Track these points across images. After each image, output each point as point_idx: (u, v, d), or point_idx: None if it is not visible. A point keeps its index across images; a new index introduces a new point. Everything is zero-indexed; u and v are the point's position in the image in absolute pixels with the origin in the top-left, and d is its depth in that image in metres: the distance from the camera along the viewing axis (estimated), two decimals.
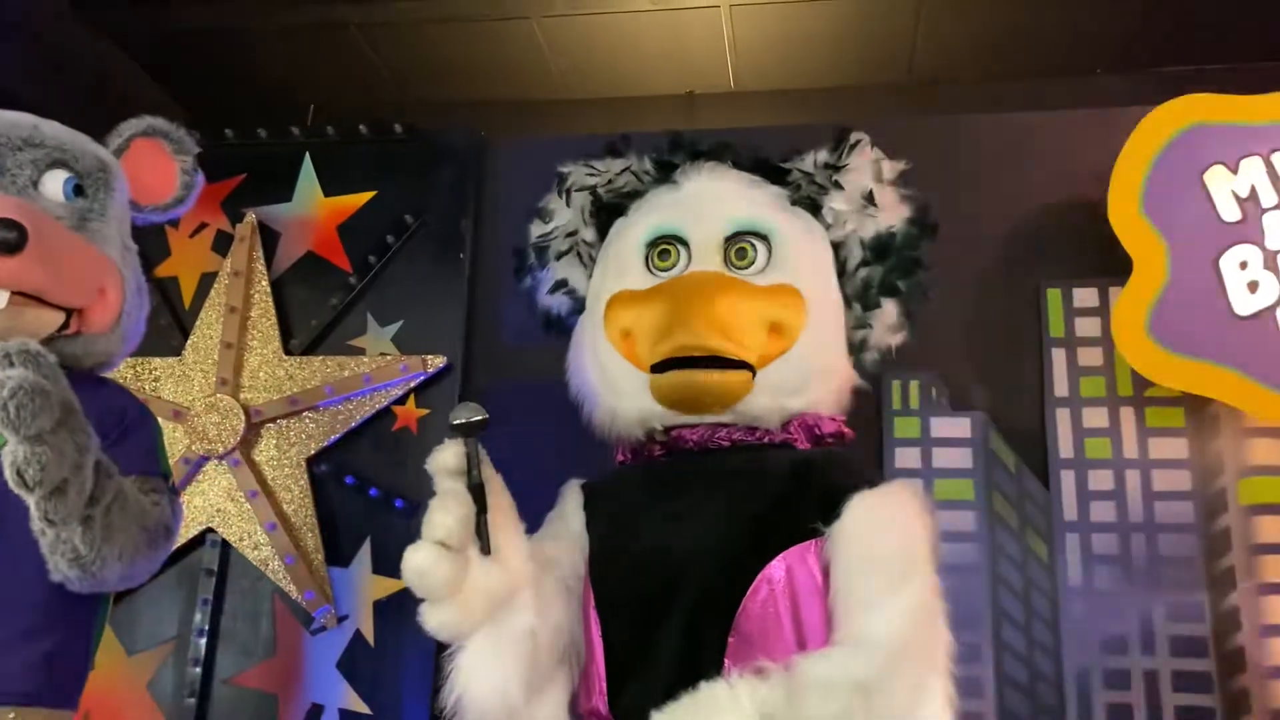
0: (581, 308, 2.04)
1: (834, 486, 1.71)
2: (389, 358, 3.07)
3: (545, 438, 2.36)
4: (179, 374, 3.11)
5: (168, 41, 3.65)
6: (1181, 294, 2.67)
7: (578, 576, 1.82)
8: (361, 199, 3.27)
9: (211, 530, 3.00)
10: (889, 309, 1.94)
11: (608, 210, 2.03)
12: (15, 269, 1.74)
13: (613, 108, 3.84)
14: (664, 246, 1.92)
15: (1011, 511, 2.78)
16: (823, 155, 1.95)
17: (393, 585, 2.88)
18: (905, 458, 2.84)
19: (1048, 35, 3.49)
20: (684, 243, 1.91)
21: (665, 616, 1.67)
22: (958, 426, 2.84)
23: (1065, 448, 2.80)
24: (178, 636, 2.97)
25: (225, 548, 3.00)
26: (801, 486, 1.73)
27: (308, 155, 3.32)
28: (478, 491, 1.62)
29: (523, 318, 2.24)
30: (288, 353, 3.11)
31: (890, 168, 1.95)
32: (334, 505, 3.02)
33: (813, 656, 1.57)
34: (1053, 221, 2.96)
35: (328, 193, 3.29)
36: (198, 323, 3.15)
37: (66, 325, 1.86)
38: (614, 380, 1.89)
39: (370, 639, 2.91)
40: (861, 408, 2.02)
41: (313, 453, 3.02)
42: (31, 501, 1.59)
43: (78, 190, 1.92)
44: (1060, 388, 2.85)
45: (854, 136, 1.95)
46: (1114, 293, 2.78)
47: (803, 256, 1.89)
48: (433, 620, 1.61)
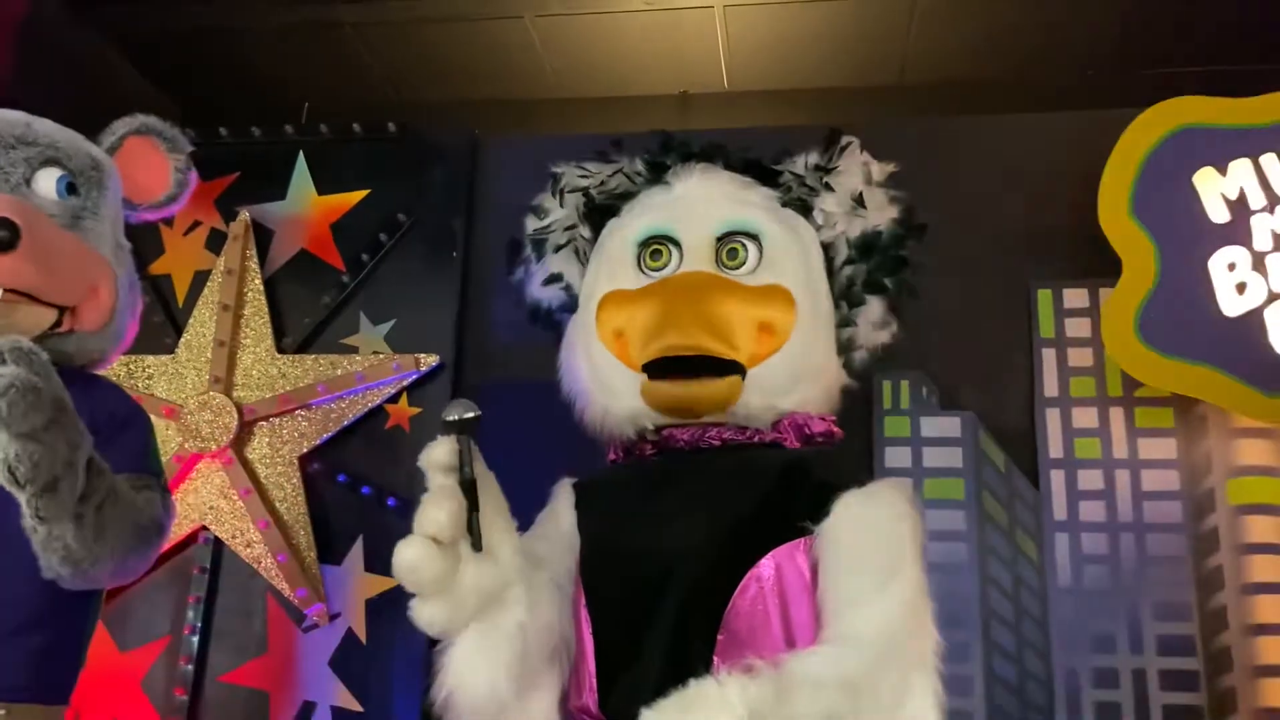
0: (573, 304, 2.04)
1: (823, 485, 1.71)
2: (381, 356, 3.08)
3: (537, 436, 2.36)
4: (172, 372, 3.11)
5: (162, 39, 3.65)
6: (1170, 295, 2.69)
7: (568, 575, 1.82)
8: (355, 197, 3.28)
9: (204, 528, 3.00)
10: (874, 307, 1.95)
11: (600, 211, 2.04)
12: (8, 267, 1.75)
13: (606, 107, 3.84)
14: (655, 247, 1.92)
15: (1001, 511, 2.80)
16: (813, 157, 1.96)
17: (385, 583, 2.89)
18: (896, 457, 2.85)
19: (1039, 38, 3.50)
20: (675, 243, 1.91)
21: (655, 614, 1.68)
22: (948, 426, 2.86)
23: (1055, 447, 2.82)
24: (170, 634, 2.97)
25: (218, 545, 3.01)
26: (791, 485, 1.73)
27: (301, 154, 3.33)
28: (470, 488, 1.62)
29: (515, 316, 2.24)
30: (280, 351, 3.12)
31: (879, 170, 1.96)
32: (326, 503, 3.02)
33: (801, 654, 1.57)
34: (1043, 222, 2.98)
35: (321, 191, 3.30)
36: (191, 320, 3.16)
37: (59, 323, 1.86)
38: (606, 380, 1.90)
39: (362, 637, 2.91)
40: (852, 407, 2.02)
41: (305, 451, 3.03)
42: (23, 499, 1.59)
43: (70, 188, 1.92)
44: (1050, 388, 2.87)
45: (844, 139, 1.96)
46: (1104, 293, 2.81)
47: (793, 257, 1.90)
48: (423, 615, 1.61)
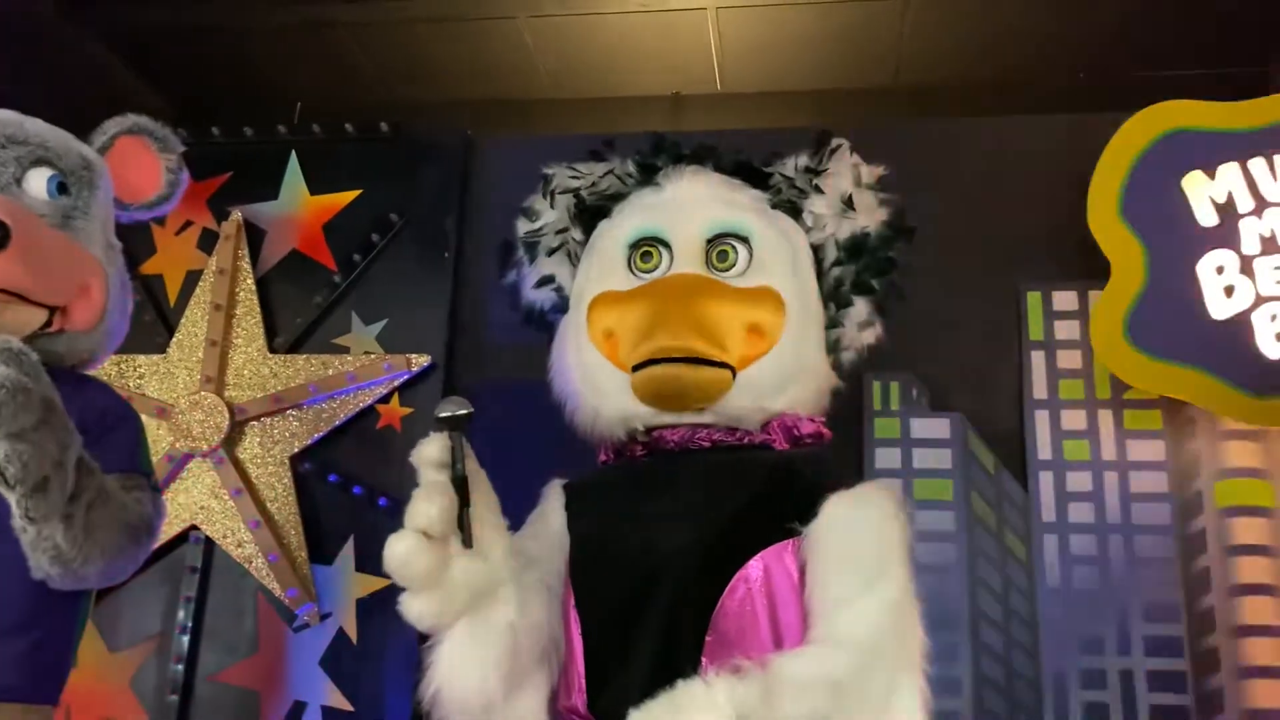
0: (565, 305, 2.05)
1: (811, 487, 1.72)
2: (373, 356, 3.08)
3: (528, 436, 2.37)
4: (163, 371, 3.11)
5: (154, 39, 3.64)
6: (1159, 298, 2.70)
7: (558, 575, 1.83)
8: (347, 197, 3.28)
9: (195, 528, 3.00)
10: (861, 308, 1.96)
11: (591, 212, 2.04)
12: None
13: (599, 108, 3.84)
14: (646, 248, 1.93)
15: (990, 512, 2.81)
16: (803, 159, 1.97)
17: (376, 583, 2.89)
18: (885, 458, 2.86)
19: (1031, 41, 3.51)
20: (666, 244, 1.92)
21: (644, 615, 1.68)
22: (937, 427, 2.87)
23: (1044, 449, 2.83)
24: (160, 633, 2.98)
25: (208, 545, 3.01)
26: (779, 487, 1.74)
27: (294, 153, 3.33)
28: (461, 485, 1.62)
29: (507, 317, 2.24)
30: (272, 351, 3.12)
31: (869, 172, 1.97)
32: (317, 503, 3.03)
33: (788, 655, 1.58)
34: (1033, 225, 2.99)
35: (313, 191, 3.30)
36: (182, 320, 3.16)
37: (49, 323, 1.86)
38: (596, 380, 1.90)
39: (353, 636, 2.91)
40: (842, 408, 2.03)
41: (296, 451, 3.03)
42: (13, 499, 1.59)
43: (61, 188, 1.92)
44: (1039, 390, 2.88)
45: (834, 141, 1.97)
46: (1093, 296, 2.82)
47: (783, 259, 1.90)
48: (412, 609, 1.61)
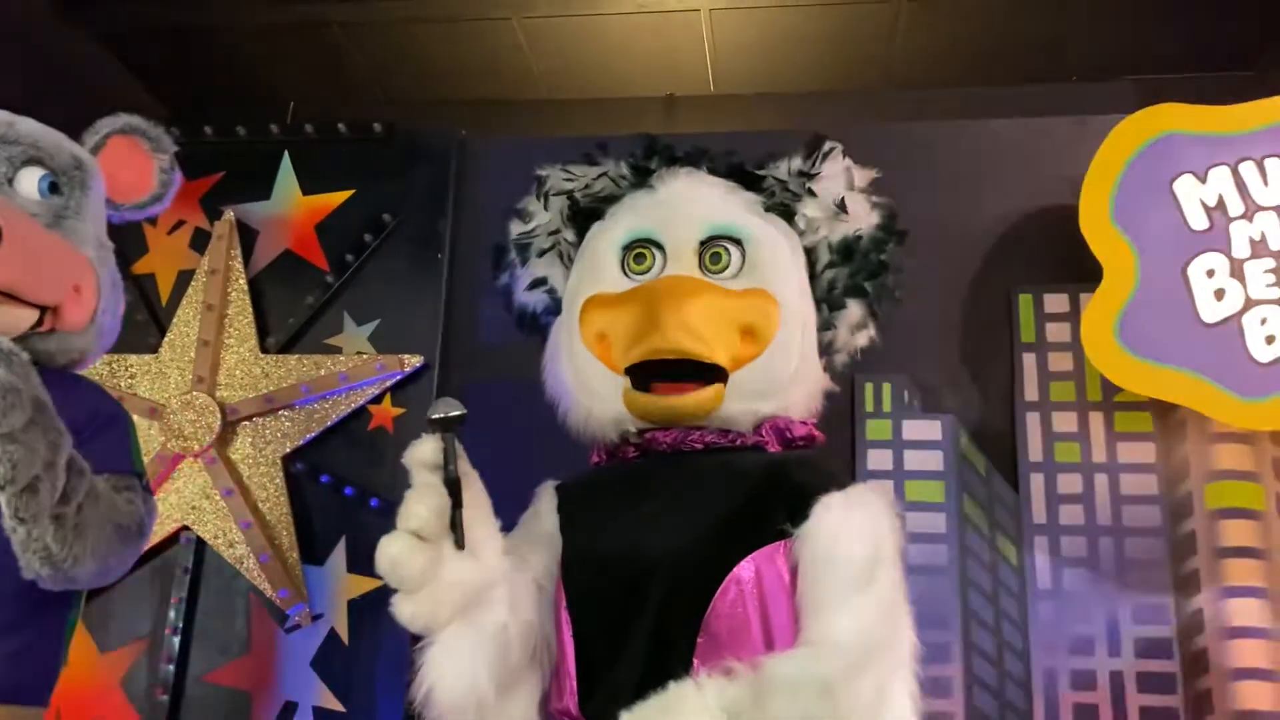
0: (558, 308, 2.05)
1: (803, 488, 1.72)
2: (365, 357, 3.07)
3: (520, 438, 2.37)
4: (155, 371, 3.10)
5: (146, 38, 3.64)
6: (1150, 301, 2.71)
7: (550, 576, 1.83)
8: (340, 198, 3.27)
9: (186, 528, 3.00)
10: (854, 310, 1.97)
11: (584, 214, 2.04)
12: None
13: (593, 109, 3.84)
14: (639, 250, 1.93)
15: (981, 514, 2.81)
16: (796, 163, 1.97)
17: (367, 584, 2.89)
18: (877, 459, 2.86)
19: (1022, 43, 3.53)
20: (659, 246, 1.92)
21: (635, 617, 1.68)
22: (929, 429, 2.87)
23: (1035, 451, 2.84)
24: (151, 634, 2.96)
25: (200, 545, 3.00)
26: (771, 488, 1.74)
27: (286, 153, 3.32)
28: (454, 486, 1.62)
29: (500, 318, 2.24)
30: (264, 351, 3.11)
31: (861, 175, 1.98)
32: (309, 504, 3.02)
33: (779, 657, 1.58)
34: (1025, 227, 3.00)
35: (306, 191, 3.29)
36: (174, 320, 3.15)
37: (40, 323, 1.85)
38: (589, 382, 1.90)
39: (344, 637, 2.91)
40: (834, 410, 2.04)
41: (288, 451, 3.02)
42: (3, 499, 1.59)
43: (53, 188, 1.92)
44: (1030, 392, 2.88)
45: (827, 145, 1.97)
46: (1084, 299, 2.82)
47: (776, 262, 1.91)
48: (404, 611, 1.61)
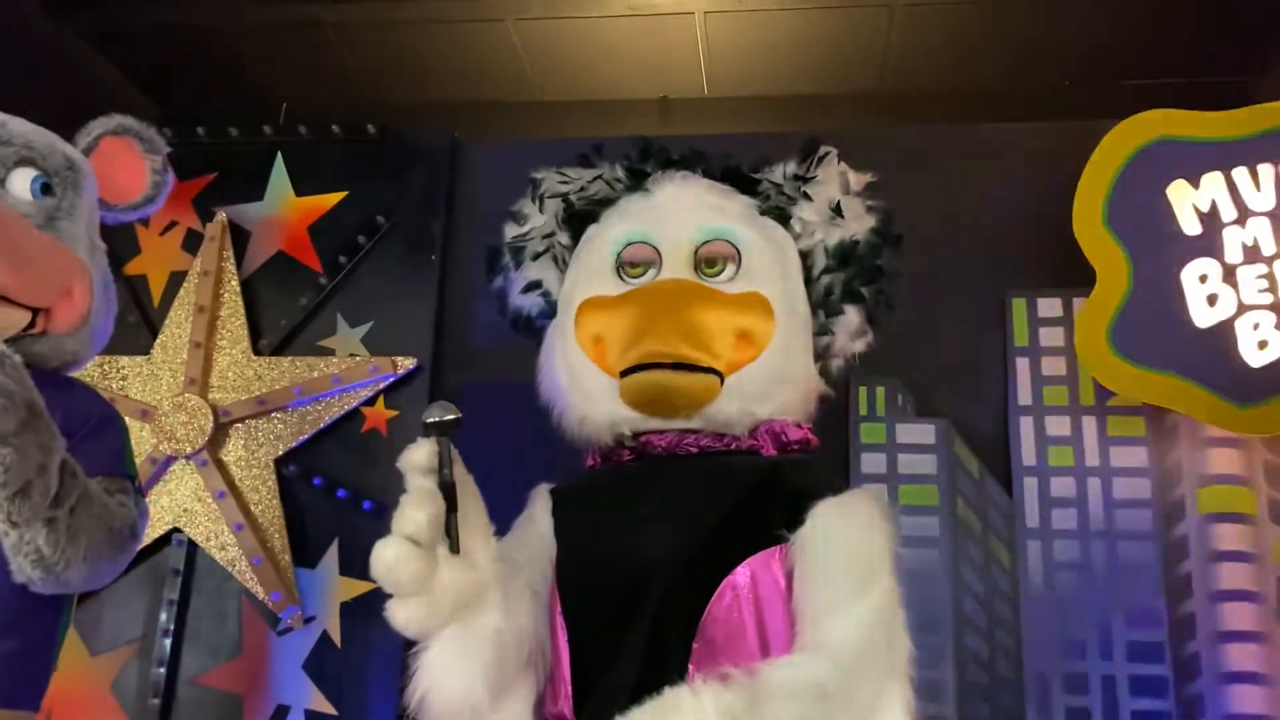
0: (552, 311, 2.04)
1: (798, 493, 1.72)
2: (358, 359, 3.07)
3: (514, 440, 2.36)
4: (147, 373, 3.09)
5: (139, 38, 3.62)
6: (1143, 306, 2.71)
7: (545, 580, 1.82)
8: (333, 199, 3.26)
9: (178, 530, 2.98)
10: (851, 315, 1.97)
11: (579, 217, 2.04)
12: None
13: (586, 111, 3.84)
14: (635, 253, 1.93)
15: (974, 518, 2.82)
16: (791, 166, 1.98)
17: (360, 586, 2.88)
18: (871, 463, 2.87)
19: (1017, 48, 3.53)
20: (654, 250, 1.92)
21: (630, 621, 1.68)
22: (923, 433, 2.87)
23: (1028, 455, 2.84)
24: (142, 637, 2.95)
25: (191, 548, 2.99)
26: (767, 493, 1.75)
27: (279, 154, 3.31)
28: (448, 490, 1.62)
29: (493, 320, 2.24)
30: (257, 353, 3.10)
31: (857, 179, 1.98)
32: (302, 506, 3.01)
33: (775, 663, 1.58)
34: (1018, 232, 3.00)
35: (299, 192, 3.28)
36: (166, 322, 3.13)
37: (33, 324, 1.84)
38: (584, 385, 1.90)
39: (337, 640, 2.90)
40: (828, 413, 2.04)
41: (281, 453, 3.01)
42: None
43: (45, 189, 1.91)
44: (1024, 396, 2.89)
45: (822, 149, 1.98)
46: (1077, 303, 2.83)
47: (771, 265, 1.91)
48: (399, 616, 1.61)
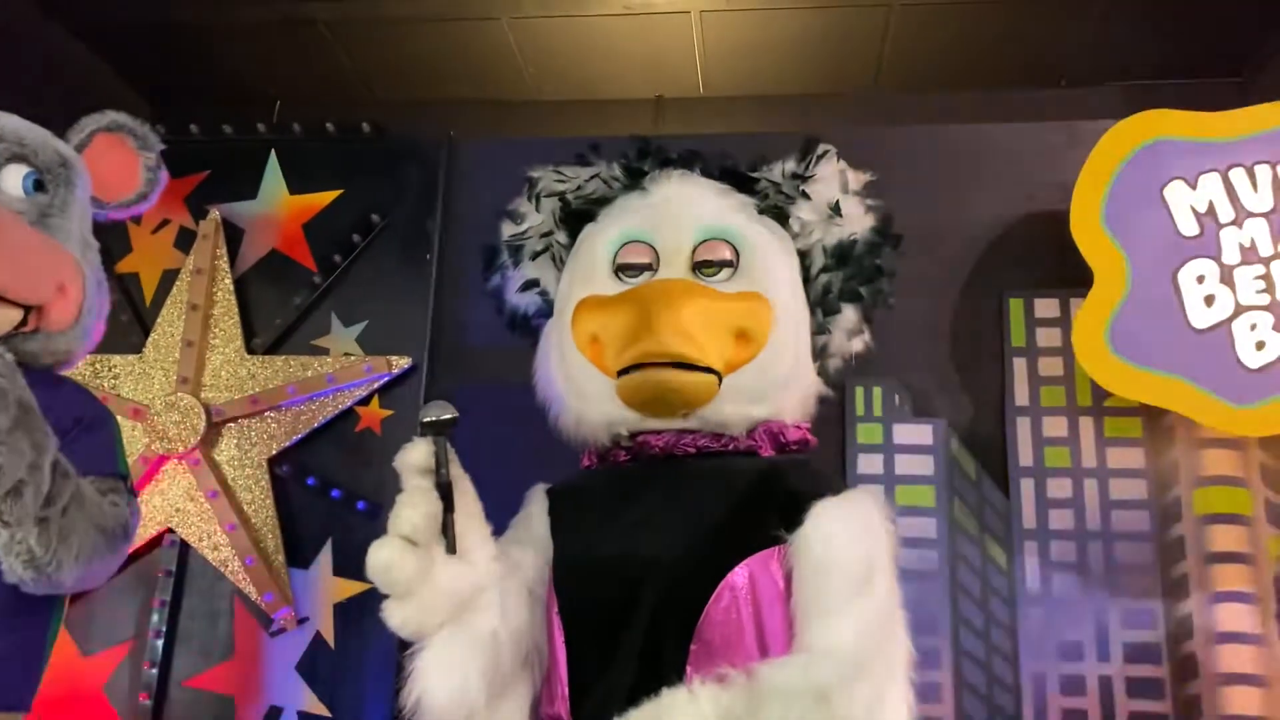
0: (549, 310, 2.04)
1: (797, 494, 1.72)
2: (353, 358, 3.05)
3: (509, 440, 2.36)
4: (139, 372, 3.07)
5: (132, 36, 3.60)
6: (1140, 306, 2.71)
7: (541, 581, 1.82)
8: (327, 197, 3.25)
9: (170, 530, 2.97)
10: (849, 315, 1.97)
11: (576, 216, 2.03)
12: None
13: (581, 110, 3.83)
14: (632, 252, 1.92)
15: (971, 518, 2.81)
16: (790, 165, 1.97)
17: (354, 587, 2.87)
18: (868, 463, 2.86)
19: (1013, 48, 3.53)
20: (652, 249, 1.91)
21: (628, 622, 1.67)
22: (920, 433, 2.87)
23: (1025, 456, 2.84)
24: (134, 637, 2.94)
25: (184, 548, 2.97)
26: (765, 493, 1.74)
27: (273, 152, 3.29)
28: (445, 490, 1.61)
29: (489, 319, 2.23)
30: (250, 352, 3.09)
31: (856, 178, 1.97)
32: (295, 506, 2.99)
33: (774, 664, 1.57)
34: (1016, 232, 3.00)
35: (293, 190, 3.27)
36: (159, 320, 3.12)
37: (24, 322, 1.83)
38: (580, 385, 1.89)
39: (330, 641, 2.89)
40: (825, 414, 2.03)
41: (274, 453, 3.00)
42: None
43: (38, 185, 1.90)
44: (1021, 397, 2.88)
45: (821, 147, 1.97)
46: (1075, 304, 2.83)
47: (769, 265, 1.90)
48: (395, 617, 1.60)
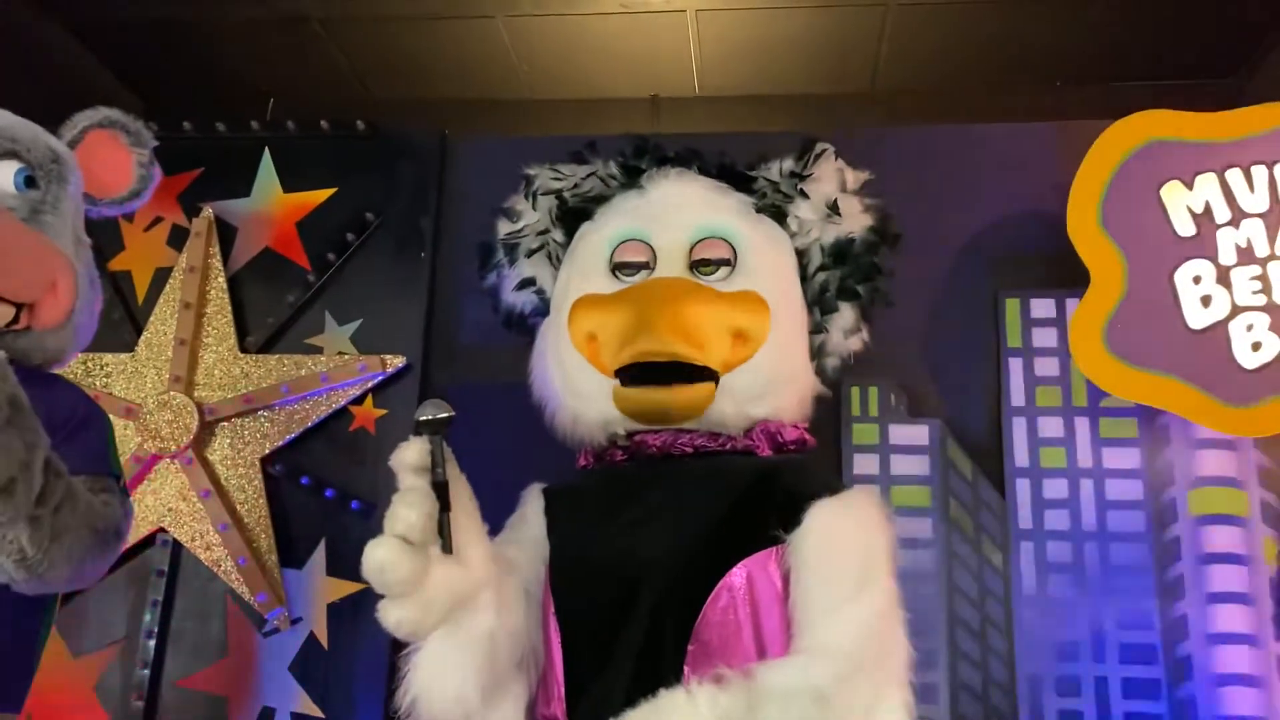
0: (546, 308, 2.03)
1: (795, 494, 1.71)
2: (347, 357, 3.04)
3: (504, 439, 2.35)
4: (131, 370, 3.06)
5: (125, 32, 3.59)
6: (1137, 307, 2.70)
7: (538, 581, 1.81)
8: (321, 195, 3.23)
9: (162, 530, 2.95)
10: (846, 314, 1.96)
11: (573, 214, 2.02)
12: None
13: (576, 109, 3.83)
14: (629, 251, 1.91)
15: (967, 519, 2.81)
16: (788, 164, 1.97)
17: (347, 587, 2.85)
18: (863, 464, 2.85)
19: (1009, 49, 3.53)
20: (649, 248, 1.90)
21: (625, 623, 1.67)
22: (916, 433, 2.86)
23: (1021, 456, 2.83)
24: (126, 638, 2.91)
25: (176, 548, 2.95)
26: (763, 493, 1.73)
27: (267, 150, 3.27)
28: (441, 489, 1.60)
29: (483, 318, 2.22)
30: (243, 350, 3.06)
31: (854, 177, 1.97)
32: (288, 506, 2.97)
33: (772, 665, 1.57)
34: (1012, 232, 2.99)
35: (287, 188, 3.25)
36: (151, 318, 3.09)
37: (16, 320, 1.82)
38: (577, 384, 1.89)
39: (324, 642, 2.87)
40: (820, 414, 2.03)
41: (267, 452, 2.98)
42: None
43: (29, 181, 1.88)
44: (1017, 397, 2.88)
45: (819, 146, 1.96)
46: (1071, 304, 2.82)
47: (767, 264, 1.90)
48: (391, 617, 1.58)
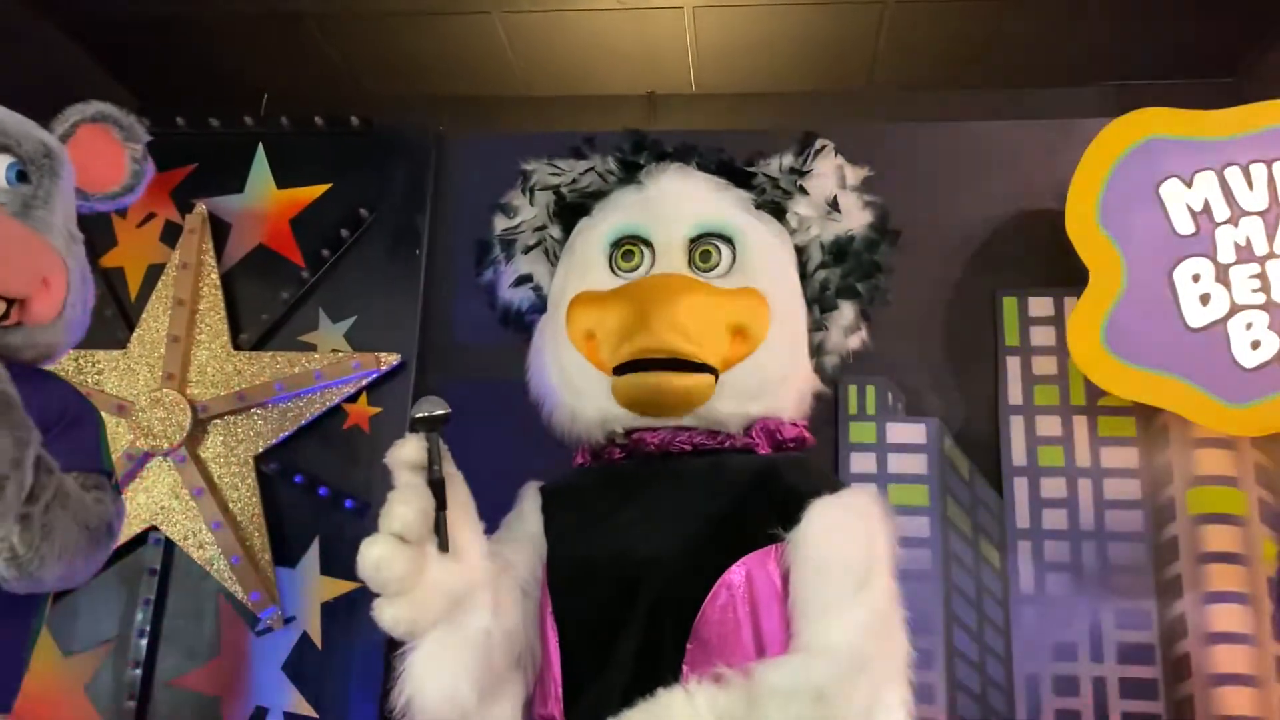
0: (543, 305, 2.02)
1: (795, 492, 1.70)
2: (341, 354, 3.02)
3: (500, 437, 2.34)
4: (124, 367, 3.04)
5: (118, 27, 3.58)
6: (1135, 305, 2.70)
7: (534, 580, 1.80)
8: (315, 192, 3.22)
9: (155, 528, 2.94)
10: (846, 311, 1.95)
11: (571, 210, 2.01)
12: None
13: (572, 106, 3.82)
14: (628, 247, 1.90)
15: (965, 518, 2.80)
16: (788, 160, 1.95)
17: (341, 586, 2.84)
18: (861, 462, 2.84)
19: (1007, 46, 3.53)
20: (648, 244, 1.90)
21: (623, 622, 1.66)
22: (913, 432, 2.85)
23: (1019, 455, 2.83)
24: (117, 637, 2.90)
25: (169, 546, 2.94)
26: (762, 491, 1.72)
27: (261, 146, 3.26)
28: (437, 487, 1.59)
29: (478, 315, 2.21)
30: (237, 348, 3.05)
31: (854, 174, 1.96)
32: (282, 504, 2.96)
33: (771, 664, 1.56)
34: (1010, 231, 2.99)
35: (281, 185, 3.23)
36: (144, 315, 3.08)
37: (7, 315, 1.81)
38: (575, 381, 1.87)
39: (317, 641, 2.86)
40: (818, 412, 2.02)
41: (261, 450, 2.97)
42: None
43: (21, 176, 1.87)
44: (1014, 395, 2.87)
45: (819, 142, 1.95)
46: (1069, 302, 2.82)
47: (766, 260, 1.89)
48: (386, 615, 1.57)
